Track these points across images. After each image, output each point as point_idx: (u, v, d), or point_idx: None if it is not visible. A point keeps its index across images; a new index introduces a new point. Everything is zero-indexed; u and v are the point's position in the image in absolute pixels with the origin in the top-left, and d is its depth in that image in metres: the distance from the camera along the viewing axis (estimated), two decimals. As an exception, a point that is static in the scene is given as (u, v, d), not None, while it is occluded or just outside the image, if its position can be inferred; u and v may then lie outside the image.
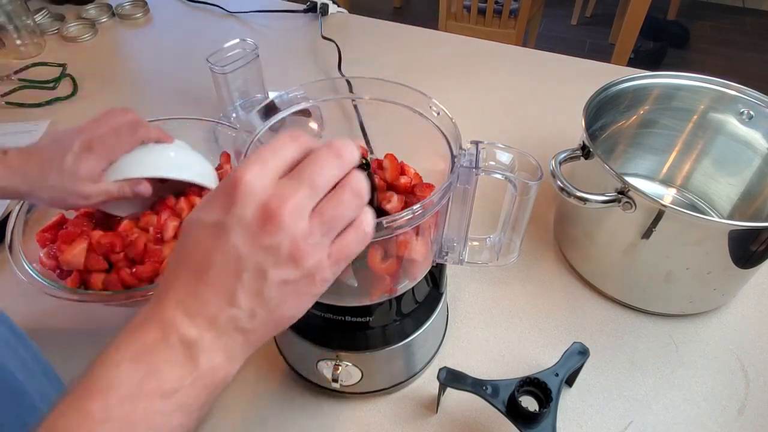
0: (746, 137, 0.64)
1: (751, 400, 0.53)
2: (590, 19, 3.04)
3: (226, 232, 0.29)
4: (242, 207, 0.29)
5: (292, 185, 0.30)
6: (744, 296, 0.62)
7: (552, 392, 0.45)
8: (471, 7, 2.00)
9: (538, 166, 0.41)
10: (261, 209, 0.29)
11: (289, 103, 0.46)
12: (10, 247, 0.54)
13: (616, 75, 0.64)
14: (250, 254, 0.29)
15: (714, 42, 2.83)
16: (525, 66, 1.02)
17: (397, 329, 0.49)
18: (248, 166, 0.30)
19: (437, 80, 0.99)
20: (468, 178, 0.41)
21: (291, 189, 0.30)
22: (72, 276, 0.54)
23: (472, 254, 0.50)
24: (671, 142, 0.71)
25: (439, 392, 0.50)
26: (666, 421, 0.52)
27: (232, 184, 0.29)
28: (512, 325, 0.60)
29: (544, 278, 0.65)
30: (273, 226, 0.29)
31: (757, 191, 0.64)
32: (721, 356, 0.57)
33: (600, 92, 0.62)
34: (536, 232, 0.70)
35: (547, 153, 0.58)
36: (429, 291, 0.52)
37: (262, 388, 0.54)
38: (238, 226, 0.29)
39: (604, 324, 0.60)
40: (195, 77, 0.97)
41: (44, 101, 0.93)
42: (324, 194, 0.31)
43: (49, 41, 1.10)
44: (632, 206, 0.51)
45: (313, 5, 1.17)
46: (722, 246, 0.50)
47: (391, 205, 0.44)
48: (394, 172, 0.47)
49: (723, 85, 0.63)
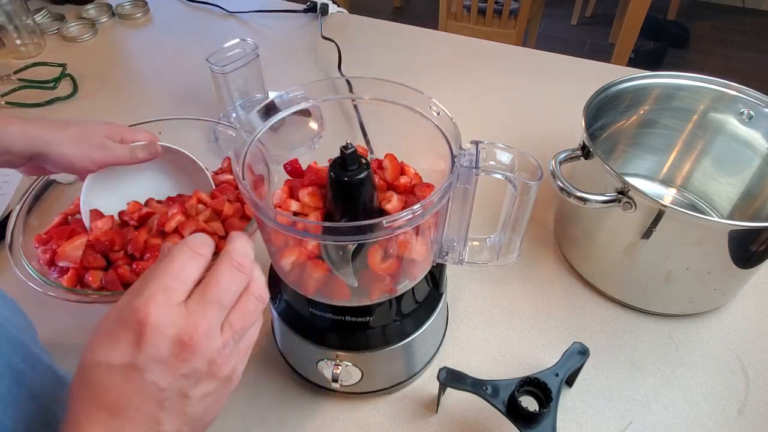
0: (746, 137, 0.63)
1: (751, 400, 0.53)
2: (590, 19, 3.04)
3: (141, 373, 0.29)
4: (153, 345, 0.29)
5: (200, 311, 0.30)
6: (744, 296, 0.62)
7: (552, 392, 0.45)
8: (471, 7, 1.99)
9: (538, 166, 0.41)
10: (174, 342, 0.29)
11: (289, 103, 0.46)
12: (10, 247, 0.54)
13: (616, 75, 0.64)
14: (170, 384, 0.29)
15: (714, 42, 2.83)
16: (525, 66, 1.02)
17: (397, 329, 0.49)
18: (151, 299, 0.29)
19: (437, 80, 0.99)
20: (468, 178, 0.41)
21: (200, 315, 0.30)
22: (69, 274, 0.53)
23: (472, 254, 0.50)
24: (671, 142, 0.71)
25: (439, 392, 0.50)
26: (666, 421, 0.52)
27: (138, 322, 0.29)
28: (512, 325, 0.60)
29: (544, 278, 0.65)
30: (189, 354, 0.29)
31: (757, 191, 0.64)
32: (721, 356, 0.57)
33: (600, 92, 0.62)
34: (536, 232, 0.70)
35: (547, 153, 0.58)
36: (429, 291, 0.52)
37: (262, 388, 0.54)
38: (154, 364, 0.29)
39: (604, 324, 0.60)
40: (195, 77, 0.97)
41: (44, 101, 0.93)
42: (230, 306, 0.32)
43: (49, 41, 1.10)
44: (632, 206, 0.51)
45: (313, 5, 1.17)
46: (722, 246, 0.50)
47: (391, 205, 0.44)
48: (394, 172, 0.47)
49: (723, 85, 0.63)
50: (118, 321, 0.30)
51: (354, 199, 0.41)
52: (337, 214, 0.42)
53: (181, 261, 0.31)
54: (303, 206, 0.44)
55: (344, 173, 0.40)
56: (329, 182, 0.41)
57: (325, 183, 0.43)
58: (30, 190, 0.60)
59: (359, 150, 0.41)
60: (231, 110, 0.81)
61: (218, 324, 0.31)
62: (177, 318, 0.29)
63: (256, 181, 0.46)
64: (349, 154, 0.39)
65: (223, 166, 0.68)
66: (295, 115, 0.46)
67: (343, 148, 0.39)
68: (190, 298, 0.31)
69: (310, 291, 0.44)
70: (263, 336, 0.57)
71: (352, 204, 0.42)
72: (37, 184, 0.61)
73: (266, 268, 0.56)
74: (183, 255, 0.31)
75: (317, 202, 0.43)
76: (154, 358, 0.29)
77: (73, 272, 0.54)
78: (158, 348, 0.29)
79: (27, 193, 0.60)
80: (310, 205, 0.43)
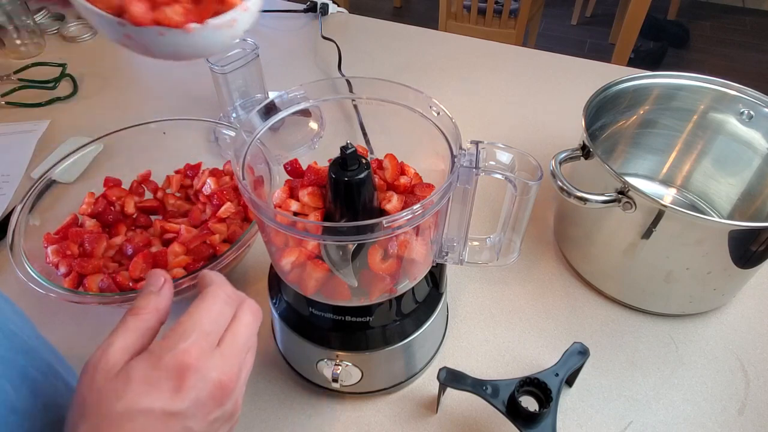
0: (746, 137, 0.64)
1: (751, 400, 0.53)
2: (590, 18, 3.04)
3: (182, 419, 0.29)
4: (196, 390, 0.29)
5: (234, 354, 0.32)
6: (744, 296, 0.62)
7: (552, 392, 0.45)
8: (471, 7, 2.00)
9: (538, 166, 0.41)
10: (215, 387, 0.30)
11: (289, 103, 0.46)
12: (11, 247, 0.54)
13: (616, 75, 0.64)
14: (202, 428, 0.30)
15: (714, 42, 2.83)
16: (525, 66, 1.02)
17: (397, 329, 0.49)
18: (195, 344, 0.30)
19: (437, 80, 0.99)
20: (468, 178, 0.41)
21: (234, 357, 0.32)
22: (70, 276, 0.54)
23: (472, 254, 0.50)
24: (671, 142, 0.71)
25: (439, 392, 0.50)
26: (666, 421, 0.52)
27: (183, 368, 0.29)
28: (512, 325, 0.60)
29: (544, 278, 0.65)
30: (226, 397, 0.31)
31: (757, 191, 0.64)
32: (721, 356, 0.57)
33: (600, 92, 0.62)
34: (536, 232, 0.70)
35: (547, 153, 0.58)
36: (429, 291, 0.52)
37: (262, 388, 0.54)
38: (195, 409, 0.29)
39: (604, 324, 0.60)
40: (195, 77, 0.97)
41: (44, 101, 0.93)
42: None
43: (49, 41, 1.10)
44: (632, 206, 0.51)
45: (313, 5, 1.17)
46: (722, 246, 0.50)
47: (391, 205, 0.44)
48: (394, 172, 0.47)
49: (723, 85, 0.63)
50: (157, 368, 0.29)
51: (354, 199, 0.41)
52: (337, 214, 0.42)
53: (221, 308, 0.33)
54: (303, 206, 0.44)
55: (344, 173, 0.40)
56: (329, 182, 0.41)
57: (325, 183, 0.43)
58: (32, 190, 0.60)
59: (359, 150, 0.41)
60: (231, 110, 0.81)
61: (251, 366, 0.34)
62: (218, 362, 0.30)
63: (256, 182, 0.46)
64: (349, 154, 0.39)
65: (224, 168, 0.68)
66: (295, 115, 0.46)
67: (343, 148, 0.39)
68: (223, 342, 0.32)
69: (310, 291, 0.44)
70: (263, 336, 0.57)
71: (352, 204, 0.42)
72: (39, 184, 0.61)
73: (266, 269, 0.56)
74: (222, 302, 0.33)
75: (317, 202, 0.44)
76: (196, 403, 0.29)
77: (75, 274, 0.54)
78: (200, 392, 0.29)
79: (29, 192, 0.60)
80: (310, 205, 0.43)
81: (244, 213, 0.61)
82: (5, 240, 0.55)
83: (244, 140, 0.43)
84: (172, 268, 0.54)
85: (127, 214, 0.63)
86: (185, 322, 0.31)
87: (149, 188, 0.67)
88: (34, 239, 0.57)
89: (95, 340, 0.31)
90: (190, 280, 0.50)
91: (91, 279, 0.53)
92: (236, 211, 0.60)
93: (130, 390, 0.28)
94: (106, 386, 0.29)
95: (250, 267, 0.66)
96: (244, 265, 0.65)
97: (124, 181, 0.66)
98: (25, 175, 0.79)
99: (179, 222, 0.61)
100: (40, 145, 0.84)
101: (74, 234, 0.57)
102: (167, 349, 0.30)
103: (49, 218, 0.60)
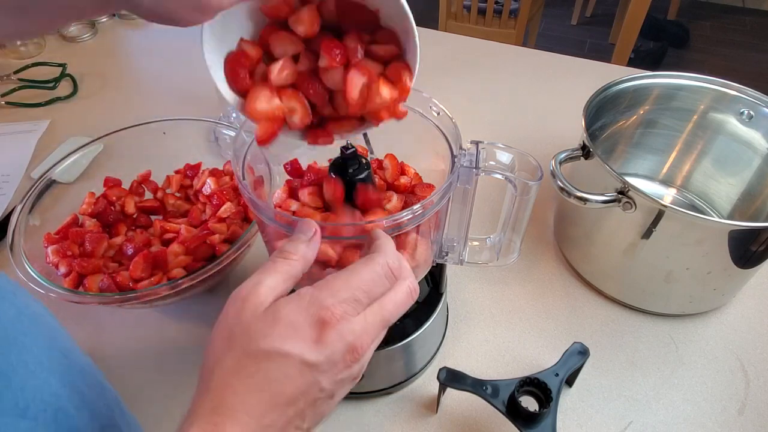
0: (746, 137, 0.64)
1: (751, 400, 0.53)
2: (590, 18, 3.04)
3: (316, 371, 0.29)
4: (332, 348, 0.30)
5: (374, 325, 0.31)
6: (744, 296, 0.62)
7: (552, 392, 0.45)
8: (471, 7, 1.99)
9: (538, 166, 0.41)
10: (348, 349, 0.30)
11: (290, 103, 0.46)
12: (11, 247, 0.54)
13: (616, 75, 0.64)
14: (329, 386, 0.30)
15: (714, 42, 2.83)
16: (525, 66, 1.02)
17: (397, 329, 0.49)
18: (341, 306, 0.30)
19: (437, 80, 0.98)
20: (468, 178, 0.41)
21: (373, 328, 0.31)
22: (71, 276, 0.54)
23: (472, 254, 0.50)
24: (671, 142, 0.71)
25: (439, 392, 0.50)
26: (666, 421, 0.52)
27: (324, 323, 0.29)
28: (512, 325, 0.60)
29: (544, 278, 0.65)
30: (354, 361, 0.31)
31: (757, 191, 0.64)
32: (721, 356, 0.57)
33: (600, 92, 0.62)
34: (536, 232, 0.70)
35: (547, 153, 0.58)
36: (429, 291, 0.52)
37: (262, 388, 0.54)
38: (328, 365, 0.30)
39: (604, 324, 0.60)
40: (195, 77, 0.97)
41: (44, 101, 0.93)
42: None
43: (49, 41, 1.10)
44: (632, 206, 0.51)
45: (313, 5, 1.17)
46: (722, 246, 0.50)
47: (391, 205, 0.44)
48: (394, 172, 0.47)
49: (723, 85, 0.63)
50: (302, 314, 0.30)
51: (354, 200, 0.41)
52: (337, 214, 0.42)
53: (379, 278, 0.32)
54: (303, 206, 0.44)
55: (344, 173, 0.40)
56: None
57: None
58: (32, 190, 0.60)
59: (359, 150, 0.41)
60: (231, 110, 0.81)
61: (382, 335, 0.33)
62: (357, 327, 0.30)
63: (256, 182, 0.46)
64: (349, 154, 0.39)
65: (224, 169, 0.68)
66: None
67: (343, 148, 0.39)
68: (369, 310, 0.32)
69: (310, 291, 0.44)
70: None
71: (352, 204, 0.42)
72: (39, 184, 0.61)
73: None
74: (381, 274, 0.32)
75: (317, 202, 0.44)
76: (330, 360, 0.29)
77: (75, 274, 0.54)
78: (335, 351, 0.30)
79: (29, 192, 0.60)
80: (310, 205, 0.43)
81: (244, 213, 0.61)
82: (5, 240, 0.55)
83: (244, 140, 0.43)
84: (172, 268, 0.54)
85: (127, 214, 0.63)
86: (342, 279, 0.31)
87: (149, 188, 0.67)
88: (34, 239, 0.57)
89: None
90: (190, 280, 0.50)
91: (91, 279, 0.53)
92: (236, 211, 0.60)
93: (275, 331, 0.29)
94: (253, 322, 0.30)
95: (250, 267, 0.66)
96: (244, 265, 0.65)
97: (124, 181, 0.66)
98: (25, 175, 0.79)
99: (179, 222, 0.60)
100: (40, 145, 0.84)
101: (74, 234, 0.57)
102: (316, 299, 0.30)
103: (49, 218, 0.60)
